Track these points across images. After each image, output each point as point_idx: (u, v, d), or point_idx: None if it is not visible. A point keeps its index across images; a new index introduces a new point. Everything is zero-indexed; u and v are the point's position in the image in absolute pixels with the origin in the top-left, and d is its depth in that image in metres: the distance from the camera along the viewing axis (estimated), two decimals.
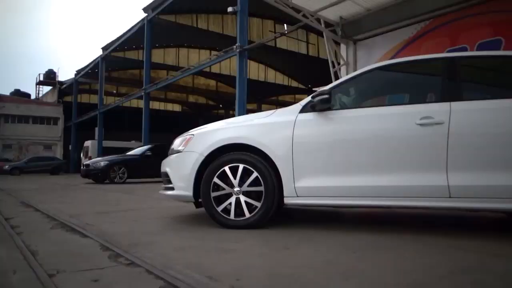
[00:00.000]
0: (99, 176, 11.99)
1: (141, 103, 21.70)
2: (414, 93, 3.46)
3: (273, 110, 3.39)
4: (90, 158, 20.88)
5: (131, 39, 22.25)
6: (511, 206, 2.67)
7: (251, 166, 3.07)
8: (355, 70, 8.49)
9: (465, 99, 2.88)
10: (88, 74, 28.41)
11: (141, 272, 1.93)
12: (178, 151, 3.40)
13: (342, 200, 2.96)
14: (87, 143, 25.52)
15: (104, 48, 24.69)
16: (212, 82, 34.25)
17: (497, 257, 2.22)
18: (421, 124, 2.82)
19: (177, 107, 38.89)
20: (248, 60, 12.68)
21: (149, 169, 11.53)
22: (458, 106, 2.81)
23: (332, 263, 2.08)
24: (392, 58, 7.90)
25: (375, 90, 3.52)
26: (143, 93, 19.17)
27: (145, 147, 13.47)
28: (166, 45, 28.78)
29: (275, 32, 24.52)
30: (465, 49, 6.69)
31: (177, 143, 3.50)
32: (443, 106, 2.84)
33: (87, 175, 12.30)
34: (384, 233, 2.91)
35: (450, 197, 2.71)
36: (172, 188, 3.37)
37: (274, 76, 33.33)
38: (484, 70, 3.28)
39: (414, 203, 2.84)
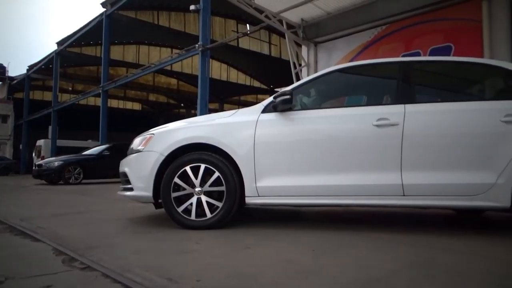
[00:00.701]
0: (53, 177, 11.45)
1: (98, 101, 20.92)
2: (371, 95, 3.59)
3: (235, 110, 3.39)
4: (43, 158, 19.88)
5: (89, 35, 21.39)
6: (459, 203, 2.84)
7: (212, 166, 3.05)
8: (315, 71, 8.67)
9: (418, 102, 3.03)
10: (42, 70, 27.00)
11: (97, 276, 1.86)
12: (137, 151, 3.31)
13: (302, 199, 3.02)
14: (40, 142, 24.26)
15: (59, 43, 23.56)
16: (174, 81, 33.66)
17: (447, 252, 2.35)
18: (377, 125, 2.93)
19: (136, 106, 37.88)
20: (210, 59, 12.58)
21: (107, 169, 11.19)
22: (411, 108, 2.95)
23: (293, 261, 2.11)
24: (350, 60, 8.14)
25: (335, 91, 3.61)
26: (100, 91, 18.50)
27: (103, 147, 13.03)
28: (125, 42, 27.94)
29: (237, 32, 24.53)
30: (418, 54, 7.03)
31: (136, 142, 3.41)
32: (398, 108, 2.96)
33: (40, 175, 11.70)
34: (343, 231, 2.99)
35: (404, 195, 2.84)
36: (131, 189, 3.28)
37: (236, 76, 33.29)
38: (435, 74, 3.46)
39: (371, 201, 2.95)
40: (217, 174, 3.03)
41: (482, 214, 4.01)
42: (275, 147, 3.07)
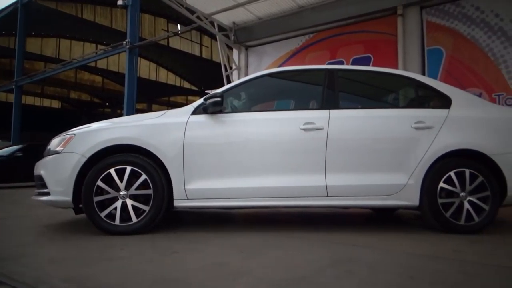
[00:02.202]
0: None
1: (11, 97, 19.06)
2: (299, 100, 3.75)
3: (164, 111, 3.31)
4: None
5: (1, 24, 19.43)
6: (376, 202, 3.07)
7: (139, 168, 2.93)
8: (246, 75, 8.79)
9: (341, 108, 3.22)
10: None
11: None
12: (56, 152, 3.07)
13: (232, 201, 3.03)
14: None
15: None
16: (98, 78, 31.80)
17: (365, 249, 2.52)
18: (304, 129, 3.06)
19: (56, 104, 35.13)
20: (138, 58, 12.14)
21: (20, 172, 10.19)
22: (335, 113, 3.13)
23: (222, 264, 2.11)
24: (280, 66, 8.40)
25: (264, 95, 3.70)
26: (14, 86, 16.87)
27: (15, 147, 11.85)
28: (44, 34, 25.79)
29: (168, 31, 23.97)
30: (342, 63, 7.47)
31: (55, 143, 3.16)
32: (323, 113, 3.13)
33: None
34: (271, 232, 3.06)
35: (327, 196, 3.00)
36: (47, 193, 3.03)
37: (166, 76, 32.47)
38: (357, 82, 3.70)
39: (298, 202, 3.06)
40: (144, 176, 2.93)
41: (395, 212, 4.37)
42: (205, 149, 3.05)
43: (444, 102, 3.27)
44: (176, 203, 2.99)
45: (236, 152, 3.06)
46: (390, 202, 3.05)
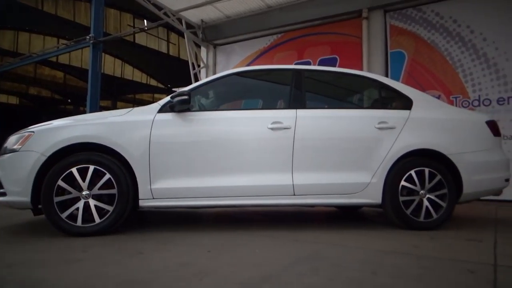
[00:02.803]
0: None
1: None
2: (266, 99, 3.77)
3: (130, 109, 3.23)
4: None
5: None
6: (341, 201, 3.14)
7: (103, 167, 2.85)
8: (214, 73, 8.73)
9: (308, 107, 3.27)
10: None
11: None
12: (13, 151, 2.92)
13: (198, 201, 3.01)
14: None
15: None
16: (60, 74, 30.53)
17: (329, 246, 2.58)
18: (272, 128, 3.08)
19: (13, 100, 33.46)
20: (103, 54, 11.76)
21: None
22: (302, 113, 3.17)
23: (188, 264, 2.09)
24: (248, 65, 8.40)
25: (233, 94, 3.69)
26: None
27: None
28: (1, 26, 24.51)
29: (134, 27, 23.40)
30: (309, 63, 7.57)
31: (12, 141, 3.01)
32: (290, 113, 3.16)
33: None
34: (237, 231, 3.07)
35: (294, 194, 3.04)
36: (3, 194, 2.88)
37: (131, 73, 31.66)
38: (323, 82, 3.77)
39: (265, 201, 3.08)
40: (108, 176, 2.85)
41: (359, 210, 4.50)
42: (172, 148, 3.00)
43: (405, 103, 3.40)
44: (142, 203, 2.93)
45: (203, 151, 3.03)
46: (354, 200, 3.13)
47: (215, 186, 2.99)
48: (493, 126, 3.43)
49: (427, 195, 3.14)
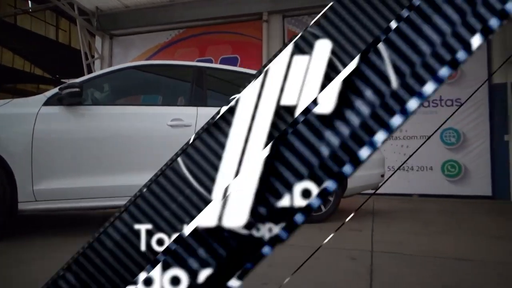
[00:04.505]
0: None
1: None
2: (166, 96, 3.68)
3: (9, 99, 2.86)
4: None
5: None
6: None
7: None
8: (110, 65, 8.20)
9: (209, 105, 3.28)
10: None
11: None
12: None
13: (87, 202, 2.80)
14: None
15: None
16: None
17: None
18: (171, 125, 3.01)
19: None
20: None
21: None
22: (203, 111, 3.17)
23: None
24: (147, 59, 8.09)
25: (130, 88, 3.53)
26: None
27: None
28: None
29: (16, 8, 20.69)
30: (210, 61, 7.59)
31: None
32: (191, 110, 3.14)
33: None
34: None
35: None
36: None
37: (11, 60, 27.98)
38: (224, 81, 3.82)
39: None
40: None
41: None
42: (58, 145, 2.74)
43: None
44: (22, 206, 2.61)
45: (94, 148, 2.83)
46: None
47: (106, 186, 2.80)
48: None
49: None
